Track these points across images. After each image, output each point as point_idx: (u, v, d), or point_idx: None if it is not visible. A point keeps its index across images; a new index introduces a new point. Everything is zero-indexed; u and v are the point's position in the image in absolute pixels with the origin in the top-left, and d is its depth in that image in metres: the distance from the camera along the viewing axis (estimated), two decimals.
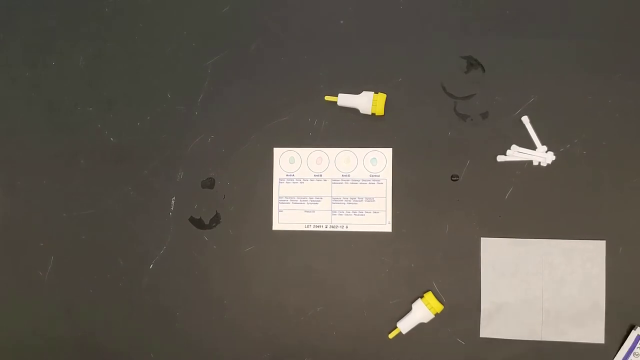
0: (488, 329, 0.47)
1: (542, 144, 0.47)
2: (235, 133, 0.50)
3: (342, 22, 0.50)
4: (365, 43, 0.50)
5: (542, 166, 0.47)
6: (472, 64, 0.49)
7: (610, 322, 0.46)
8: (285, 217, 0.50)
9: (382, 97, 0.48)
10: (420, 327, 0.47)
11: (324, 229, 0.49)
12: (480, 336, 0.47)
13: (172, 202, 0.50)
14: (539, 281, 0.47)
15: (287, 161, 0.50)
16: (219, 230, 0.50)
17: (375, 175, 0.49)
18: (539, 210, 0.47)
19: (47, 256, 0.51)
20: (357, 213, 0.49)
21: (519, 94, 0.48)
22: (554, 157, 0.47)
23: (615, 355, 0.46)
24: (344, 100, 0.48)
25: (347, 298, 0.49)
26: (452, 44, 0.49)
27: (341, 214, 0.49)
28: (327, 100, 0.49)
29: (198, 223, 0.50)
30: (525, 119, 0.48)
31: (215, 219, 0.50)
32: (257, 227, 0.50)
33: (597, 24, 0.48)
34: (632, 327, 0.46)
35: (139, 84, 0.51)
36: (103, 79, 0.52)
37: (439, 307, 0.47)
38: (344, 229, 0.49)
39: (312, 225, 0.49)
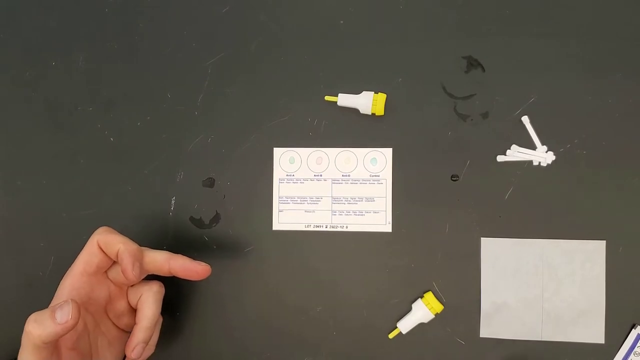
0: (488, 329, 0.47)
1: (542, 144, 0.47)
2: (235, 133, 0.50)
3: (342, 22, 0.50)
4: (365, 43, 0.50)
5: (542, 166, 0.47)
6: (472, 64, 0.49)
7: (610, 322, 0.46)
8: (285, 217, 0.50)
9: (382, 97, 0.48)
10: (420, 327, 0.47)
11: (324, 229, 0.49)
12: (480, 336, 0.47)
13: (172, 202, 0.50)
14: (539, 281, 0.47)
15: (287, 161, 0.50)
16: (219, 230, 0.50)
17: (375, 175, 0.49)
18: (539, 210, 0.47)
19: (47, 256, 0.51)
20: (357, 213, 0.49)
21: (519, 94, 0.48)
22: (554, 157, 0.47)
23: (615, 355, 0.46)
24: (344, 100, 0.48)
25: (347, 298, 0.49)
26: (452, 44, 0.49)
27: (341, 214, 0.49)
28: (327, 100, 0.49)
29: (198, 223, 0.50)
30: (525, 119, 0.48)
31: (215, 219, 0.50)
32: (257, 227, 0.50)
33: (597, 24, 0.48)
34: (632, 327, 0.46)
35: (139, 84, 0.51)
36: (103, 79, 0.52)
37: (439, 307, 0.47)
38: (344, 229, 0.49)
39: (312, 225, 0.49)
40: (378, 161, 0.49)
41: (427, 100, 0.49)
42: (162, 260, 0.43)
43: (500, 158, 0.48)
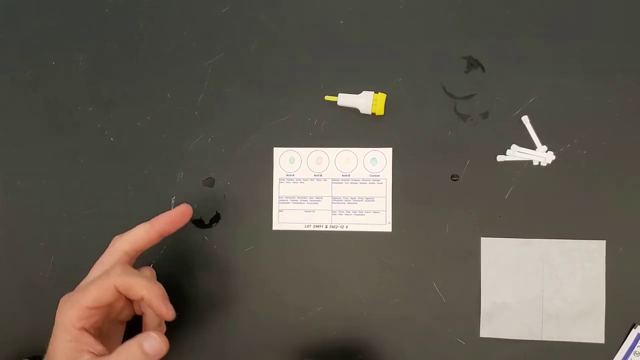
0: (488, 329, 0.47)
1: (542, 144, 0.47)
2: (235, 133, 0.50)
3: (342, 22, 0.50)
4: (365, 43, 0.50)
5: (542, 166, 0.47)
6: (472, 64, 0.49)
7: (611, 321, 0.46)
8: (285, 217, 0.50)
9: (382, 97, 0.48)
10: (420, 327, 0.47)
11: (324, 228, 0.49)
12: (480, 336, 0.47)
13: (172, 202, 0.50)
14: (539, 281, 0.47)
15: (287, 161, 0.50)
16: (219, 230, 0.50)
17: (375, 175, 0.49)
18: (539, 210, 0.47)
19: (47, 256, 0.51)
20: (357, 213, 0.49)
21: (519, 94, 0.48)
22: (554, 157, 0.47)
23: (615, 355, 0.46)
24: (344, 100, 0.48)
25: (347, 298, 0.49)
26: (452, 44, 0.49)
27: (341, 214, 0.49)
28: (327, 100, 0.49)
29: (198, 223, 0.50)
30: (525, 119, 0.48)
31: (215, 219, 0.50)
32: (257, 227, 0.50)
33: (597, 24, 0.48)
34: (632, 327, 0.46)
35: (139, 84, 0.51)
36: (103, 79, 0.52)
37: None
38: (344, 229, 0.49)
39: (312, 225, 0.49)
40: (378, 161, 0.49)
41: (427, 100, 0.49)
42: (147, 241, 0.44)
43: (500, 158, 0.48)
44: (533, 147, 0.48)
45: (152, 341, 0.39)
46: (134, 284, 0.41)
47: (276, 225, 0.50)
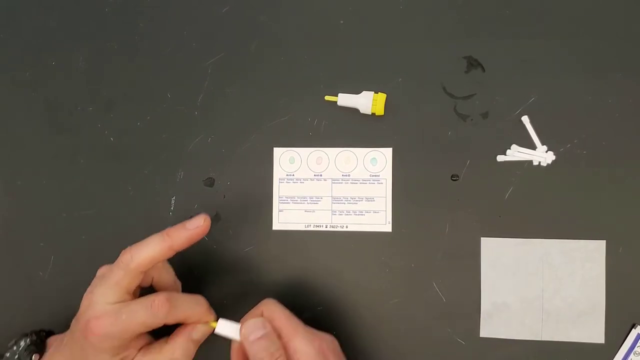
0: (488, 329, 0.47)
1: (542, 144, 0.47)
2: (235, 133, 0.50)
3: (342, 22, 0.50)
4: (365, 43, 0.50)
5: (542, 166, 0.47)
6: (472, 64, 0.49)
7: (610, 322, 0.46)
8: (285, 217, 0.50)
9: (382, 97, 0.48)
10: (420, 327, 0.47)
11: (324, 228, 0.49)
12: (480, 336, 0.47)
13: (172, 202, 0.50)
14: (539, 281, 0.47)
15: (287, 161, 0.50)
16: (219, 230, 0.50)
17: (375, 175, 0.49)
18: (539, 210, 0.47)
19: (47, 256, 0.51)
20: (357, 213, 0.49)
21: (519, 94, 0.48)
22: (554, 157, 0.47)
23: (615, 355, 0.46)
24: (344, 100, 0.48)
25: (347, 298, 0.49)
26: (452, 44, 0.49)
27: (341, 214, 0.49)
28: (327, 100, 0.49)
29: None
30: (525, 119, 0.48)
31: (215, 219, 0.50)
32: (257, 227, 0.50)
33: (597, 24, 0.48)
34: (632, 327, 0.46)
35: (139, 84, 0.51)
36: (103, 79, 0.52)
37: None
38: (344, 229, 0.49)
39: (312, 225, 0.49)
40: (378, 161, 0.49)
41: (427, 100, 0.49)
42: (163, 253, 0.41)
43: (500, 158, 0.48)
44: (533, 147, 0.48)
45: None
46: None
47: (276, 225, 0.50)
